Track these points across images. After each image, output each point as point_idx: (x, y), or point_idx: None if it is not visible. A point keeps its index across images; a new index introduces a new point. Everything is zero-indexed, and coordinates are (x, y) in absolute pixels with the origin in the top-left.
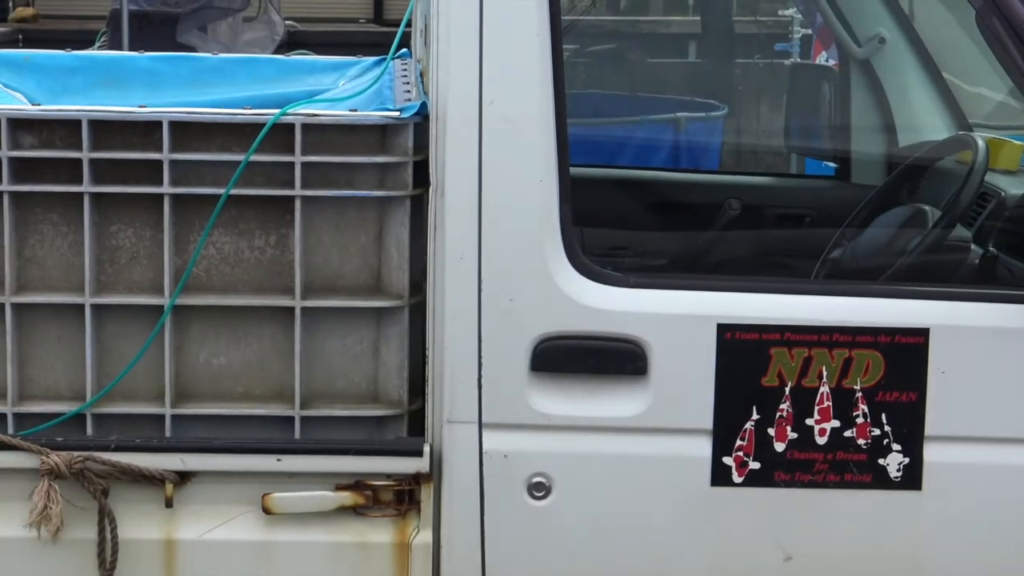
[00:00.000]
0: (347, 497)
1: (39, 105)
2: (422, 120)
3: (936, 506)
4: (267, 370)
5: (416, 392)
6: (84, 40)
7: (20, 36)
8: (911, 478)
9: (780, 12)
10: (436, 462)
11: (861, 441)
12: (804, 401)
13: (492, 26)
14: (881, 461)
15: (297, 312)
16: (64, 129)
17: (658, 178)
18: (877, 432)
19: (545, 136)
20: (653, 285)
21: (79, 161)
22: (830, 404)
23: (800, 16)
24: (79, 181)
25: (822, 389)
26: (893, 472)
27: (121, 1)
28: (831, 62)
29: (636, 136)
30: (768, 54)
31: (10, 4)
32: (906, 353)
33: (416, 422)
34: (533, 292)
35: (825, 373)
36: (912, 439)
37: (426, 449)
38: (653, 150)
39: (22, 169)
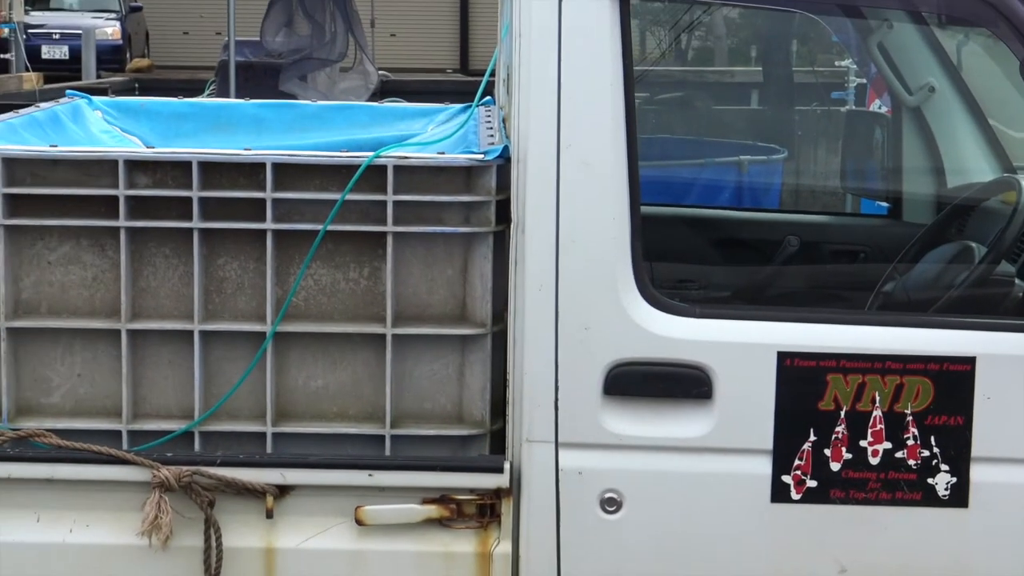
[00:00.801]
0: (433, 510)
1: (153, 148)
2: (504, 162)
3: (982, 522)
4: (360, 392)
5: (497, 413)
6: (194, 88)
7: (136, 85)
8: (958, 496)
9: (836, 63)
10: (516, 478)
11: (911, 462)
12: (858, 424)
13: (569, 76)
14: (930, 480)
15: (388, 339)
16: (176, 170)
17: (722, 216)
18: (926, 453)
19: (618, 177)
20: (717, 315)
21: (189, 199)
22: (883, 427)
23: (855, 67)
24: (189, 218)
25: (875, 413)
26: (941, 491)
27: (228, 52)
28: (884, 109)
29: (702, 177)
30: (825, 102)
31: (128, 55)
32: (954, 380)
33: (497, 441)
34: (606, 321)
35: (878, 398)
36: (959, 460)
37: (506, 466)
38: (718, 190)
39: (138, 207)
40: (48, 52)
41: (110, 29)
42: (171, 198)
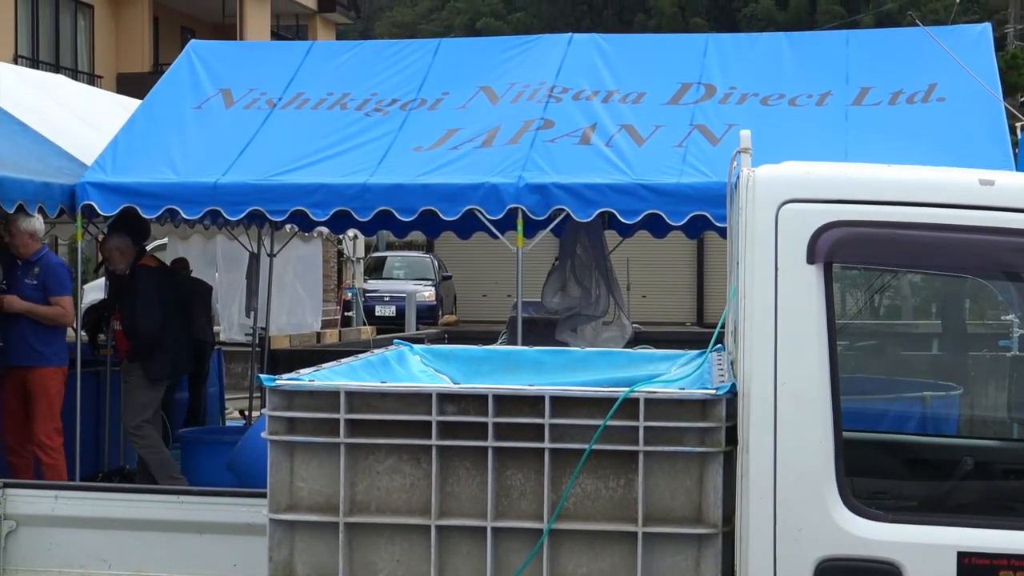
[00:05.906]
0: None
1: (459, 384)
2: (732, 396)
3: None
4: None
5: None
6: (490, 338)
7: (446, 335)
8: None
9: (1002, 317)
10: None
11: None
12: None
13: (784, 328)
14: None
15: (639, 536)
16: (476, 401)
17: (910, 441)
18: None
19: (824, 408)
20: (907, 521)
21: (486, 424)
22: None
23: (1018, 320)
24: (485, 438)
25: None
26: None
27: (516, 310)
28: None
29: (893, 409)
30: (993, 348)
31: (440, 312)
32: None
33: None
34: (815, 524)
35: None
36: None
37: None
38: (906, 419)
39: (446, 429)
40: (380, 311)
41: (427, 293)
42: (472, 423)
